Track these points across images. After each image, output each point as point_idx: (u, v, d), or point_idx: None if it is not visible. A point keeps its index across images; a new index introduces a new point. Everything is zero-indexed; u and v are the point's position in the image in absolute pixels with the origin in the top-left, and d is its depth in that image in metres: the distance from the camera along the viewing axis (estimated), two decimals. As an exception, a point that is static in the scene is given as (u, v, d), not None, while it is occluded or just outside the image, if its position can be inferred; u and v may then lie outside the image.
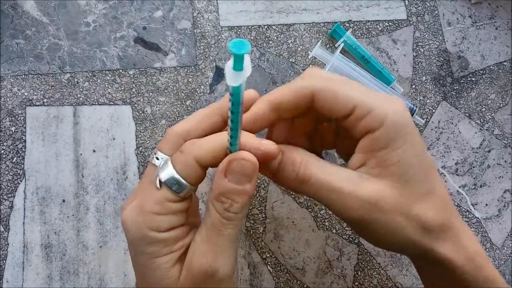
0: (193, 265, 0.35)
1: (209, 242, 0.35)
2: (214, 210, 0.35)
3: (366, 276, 0.59)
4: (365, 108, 0.35)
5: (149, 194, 0.35)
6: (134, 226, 0.35)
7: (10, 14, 0.61)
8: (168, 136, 0.38)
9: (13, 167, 0.57)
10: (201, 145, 0.35)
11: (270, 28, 0.65)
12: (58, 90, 0.60)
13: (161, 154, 0.37)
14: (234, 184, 0.34)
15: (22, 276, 0.54)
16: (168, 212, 0.35)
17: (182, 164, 0.35)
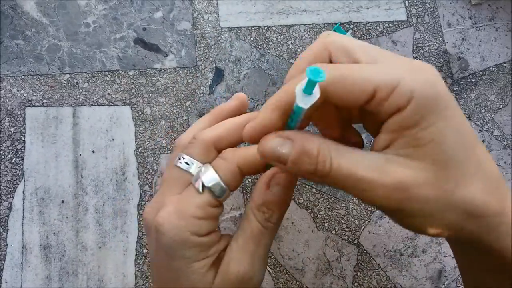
0: (229, 271, 0.36)
1: (246, 250, 0.36)
2: (254, 219, 0.36)
3: (366, 276, 0.59)
4: (388, 86, 0.30)
5: (188, 198, 0.36)
6: (174, 230, 0.35)
7: (10, 14, 0.61)
8: (197, 142, 0.38)
9: (12, 167, 0.57)
10: (243, 155, 0.36)
11: (270, 29, 0.65)
12: (57, 91, 0.60)
13: (189, 158, 0.37)
14: (276, 195, 0.36)
15: (21, 277, 0.54)
16: (209, 216, 0.36)
17: (226, 170, 0.36)
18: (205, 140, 0.37)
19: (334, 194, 0.60)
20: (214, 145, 0.38)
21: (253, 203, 0.36)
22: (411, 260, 0.60)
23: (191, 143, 0.38)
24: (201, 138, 0.38)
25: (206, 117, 0.42)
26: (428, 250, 0.60)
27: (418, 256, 0.60)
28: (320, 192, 0.60)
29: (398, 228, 0.60)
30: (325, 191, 0.60)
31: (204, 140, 0.37)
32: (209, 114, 0.42)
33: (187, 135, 0.40)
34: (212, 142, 0.38)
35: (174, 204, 0.36)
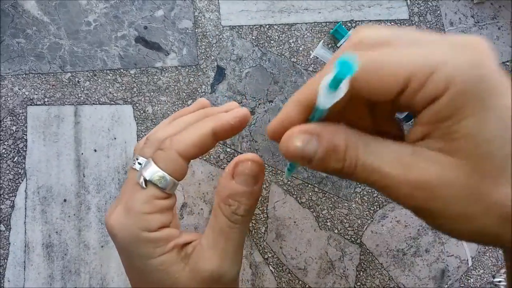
0: (200, 269, 0.35)
1: (216, 247, 0.35)
2: (221, 214, 0.35)
3: (368, 276, 0.59)
4: (423, 73, 0.26)
5: (135, 195, 0.35)
6: (124, 229, 0.34)
7: (11, 13, 0.61)
8: (149, 142, 0.37)
9: (14, 166, 0.57)
10: (181, 139, 0.35)
11: (272, 27, 0.64)
12: (59, 90, 0.59)
13: (142, 158, 0.36)
14: (242, 185, 0.35)
15: (23, 276, 0.54)
16: (157, 210, 0.35)
17: (165, 160, 0.34)
18: (156, 139, 0.36)
19: (337, 194, 0.60)
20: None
21: (218, 197, 0.36)
22: (414, 259, 0.60)
23: (144, 144, 0.37)
24: (152, 138, 0.37)
25: (165, 120, 0.41)
26: (431, 250, 0.60)
27: (421, 256, 0.60)
28: (322, 191, 0.60)
29: (401, 228, 0.60)
30: (328, 190, 0.60)
31: (155, 140, 0.37)
32: (169, 117, 0.41)
33: (143, 139, 0.39)
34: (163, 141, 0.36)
35: (122, 204, 0.35)
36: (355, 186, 0.61)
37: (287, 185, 0.60)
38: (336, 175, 0.30)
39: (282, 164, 0.60)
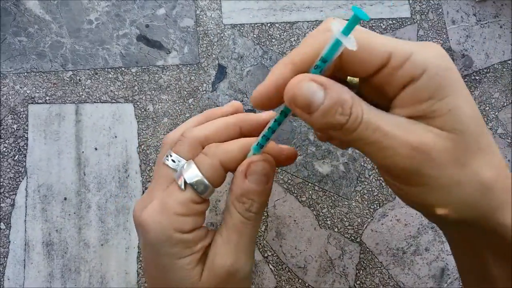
0: (215, 266, 0.36)
1: (230, 243, 0.36)
2: (235, 211, 0.36)
3: (368, 275, 0.59)
4: (402, 54, 0.30)
5: (172, 195, 0.35)
6: (157, 227, 0.35)
7: (13, 11, 0.61)
8: (186, 140, 0.37)
9: (15, 164, 0.57)
10: (226, 150, 0.36)
11: (273, 26, 0.64)
12: (60, 88, 0.60)
13: (177, 156, 0.37)
14: (254, 184, 0.35)
15: (23, 274, 0.54)
16: (192, 213, 0.36)
17: (208, 166, 0.35)
18: (193, 138, 0.37)
19: (337, 192, 0.60)
20: (202, 144, 0.37)
21: (232, 195, 0.36)
22: (413, 258, 0.60)
23: (179, 140, 0.38)
24: (189, 136, 0.37)
25: (197, 117, 0.42)
26: (431, 249, 0.60)
27: (421, 255, 0.60)
28: (322, 190, 0.60)
29: (400, 226, 0.60)
30: (328, 189, 0.60)
31: (192, 138, 0.37)
32: (201, 114, 0.42)
33: (175, 133, 0.40)
34: (199, 140, 0.37)
35: (158, 201, 0.36)
36: (355, 185, 0.61)
37: (287, 183, 0.60)
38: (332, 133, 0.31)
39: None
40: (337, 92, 0.29)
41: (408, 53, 0.29)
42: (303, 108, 0.29)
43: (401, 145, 0.29)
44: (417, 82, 0.29)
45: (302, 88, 0.29)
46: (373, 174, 0.61)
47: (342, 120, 0.29)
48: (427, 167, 0.29)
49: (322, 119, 0.29)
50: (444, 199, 0.30)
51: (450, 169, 0.29)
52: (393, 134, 0.29)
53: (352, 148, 0.61)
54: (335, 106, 0.29)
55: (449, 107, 0.29)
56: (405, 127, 0.30)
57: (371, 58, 0.30)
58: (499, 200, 0.30)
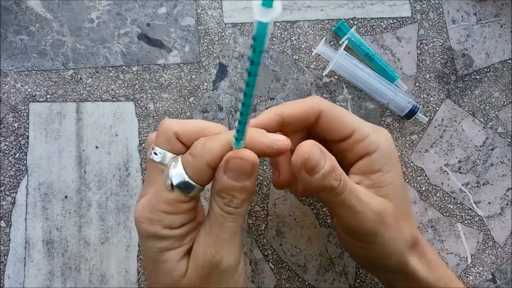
0: (197, 255, 0.37)
1: (211, 234, 0.37)
2: (215, 205, 0.36)
3: (368, 273, 0.59)
4: (362, 132, 0.40)
5: (159, 194, 0.36)
6: (146, 223, 0.36)
7: (14, 10, 0.61)
8: (164, 132, 0.37)
9: (15, 163, 0.57)
10: (212, 148, 0.35)
11: (274, 25, 0.64)
12: (61, 86, 0.60)
13: (159, 149, 0.37)
14: (233, 181, 0.35)
15: (23, 272, 0.54)
16: (180, 211, 0.36)
17: (193, 168, 0.35)
18: (169, 130, 0.37)
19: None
20: (176, 135, 0.37)
21: (213, 189, 0.37)
22: (414, 257, 0.60)
23: (157, 132, 0.39)
24: (165, 127, 0.37)
25: None
26: (431, 248, 0.60)
27: (421, 253, 0.60)
28: (323, 188, 0.60)
29: (401, 225, 0.60)
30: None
31: (168, 130, 0.37)
32: None
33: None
34: (173, 130, 0.37)
35: (148, 198, 0.37)
36: (356, 184, 0.61)
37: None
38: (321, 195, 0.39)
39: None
40: (332, 160, 0.36)
41: (366, 132, 0.39)
42: (310, 169, 0.35)
43: (368, 210, 0.38)
44: (371, 156, 0.39)
45: (315, 153, 0.35)
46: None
47: (335, 184, 0.36)
48: (381, 228, 0.38)
49: (320, 181, 0.35)
50: (387, 254, 0.41)
51: (392, 230, 0.39)
52: (365, 201, 0.37)
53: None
54: (331, 172, 0.35)
55: (391, 180, 0.39)
56: (368, 195, 0.39)
57: (341, 129, 0.40)
58: (414, 252, 0.43)
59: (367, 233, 0.39)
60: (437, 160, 0.63)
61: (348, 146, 0.40)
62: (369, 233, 0.39)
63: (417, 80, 0.65)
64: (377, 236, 0.39)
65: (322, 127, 0.41)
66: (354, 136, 0.40)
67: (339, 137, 0.40)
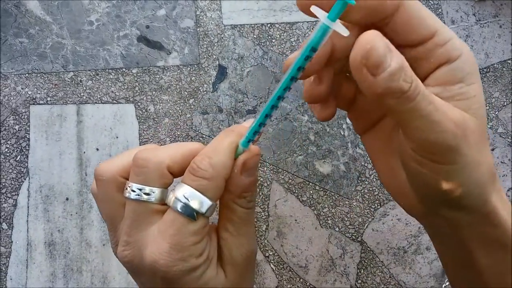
0: (234, 257, 0.37)
1: (241, 234, 0.37)
2: (238, 207, 0.36)
3: (369, 274, 0.59)
4: (446, 34, 0.31)
5: (183, 229, 0.33)
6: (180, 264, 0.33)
7: (14, 13, 0.61)
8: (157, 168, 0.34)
9: (17, 165, 0.57)
10: (225, 163, 0.34)
11: (273, 26, 0.65)
12: (61, 89, 0.60)
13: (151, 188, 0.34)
14: (250, 177, 0.36)
15: (25, 274, 0.55)
16: (204, 235, 0.35)
17: (214, 190, 0.34)
18: (158, 163, 0.34)
19: (338, 192, 0.60)
20: (169, 169, 0.34)
21: (232, 194, 0.36)
22: (414, 257, 0.60)
23: (141, 167, 0.34)
24: (155, 162, 0.34)
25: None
26: (432, 248, 0.60)
27: (422, 254, 0.60)
28: (323, 189, 0.60)
29: (401, 226, 0.60)
30: (329, 188, 0.60)
31: (158, 164, 0.34)
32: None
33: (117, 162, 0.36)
34: (166, 164, 0.34)
35: (168, 240, 0.33)
36: (356, 184, 0.61)
37: (288, 183, 0.60)
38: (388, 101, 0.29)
39: (283, 163, 0.60)
40: (400, 57, 0.28)
41: (449, 36, 0.31)
42: (373, 66, 0.28)
43: (448, 121, 0.30)
44: (453, 64, 0.31)
45: (380, 45, 0.28)
46: (374, 174, 0.61)
47: (405, 87, 0.28)
48: (464, 144, 0.30)
49: (386, 82, 0.28)
50: (463, 177, 0.32)
51: (475, 150, 0.31)
52: (442, 110, 0.30)
53: (353, 146, 0.61)
54: (400, 71, 0.28)
55: (474, 93, 0.31)
56: (447, 105, 0.31)
57: (421, 29, 0.31)
58: (498, 187, 0.33)
59: (446, 148, 0.30)
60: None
61: (426, 51, 0.32)
62: (449, 149, 0.30)
63: (417, 80, 0.65)
64: (458, 153, 0.30)
65: (398, 24, 0.31)
66: (436, 39, 0.31)
67: (418, 39, 0.31)
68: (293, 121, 0.61)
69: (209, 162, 0.34)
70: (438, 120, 0.29)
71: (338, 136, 0.61)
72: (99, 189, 0.36)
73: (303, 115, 0.61)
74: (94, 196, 0.37)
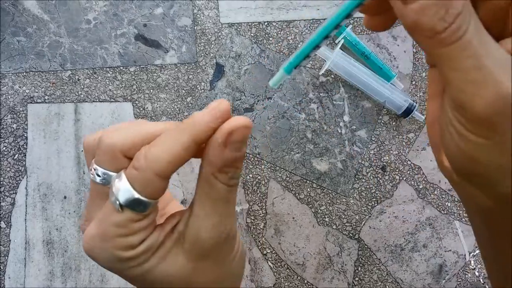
0: (203, 241, 0.32)
1: (216, 212, 0.32)
2: (218, 182, 0.31)
3: (367, 271, 0.59)
4: None
5: (109, 218, 0.30)
6: (103, 254, 0.31)
7: (11, 11, 0.61)
8: (107, 150, 0.31)
9: (14, 164, 0.57)
10: (158, 157, 0.30)
11: (270, 24, 0.65)
12: (59, 87, 0.60)
13: (102, 170, 0.31)
14: (236, 152, 0.31)
15: (24, 272, 0.55)
16: (135, 231, 0.31)
17: (142, 183, 0.30)
18: (109, 145, 0.31)
19: (335, 190, 0.61)
20: (124, 153, 0.31)
21: (212, 167, 0.31)
22: (411, 255, 0.60)
23: (97, 149, 0.31)
24: (106, 144, 0.31)
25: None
26: (428, 245, 0.60)
27: (419, 251, 0.60)
28: (321, 187, 0.60)
29: (398, 223, 0.61)
30: (326, 186, 0.60)
31: (108, 146, 0.31)
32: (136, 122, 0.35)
33: (93, 136, 0.33)
34: (119, 149, 0.31)
35: (96, 225, 0.31)
36: (353, 182, 0.61)
37: (285, 181, 0.60)
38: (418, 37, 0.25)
39: (280, 161, 0.60)
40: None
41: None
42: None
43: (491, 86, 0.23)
44: None
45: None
46: (371, 172, 0.61)
47: (439, 27, 0.23)
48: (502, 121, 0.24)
49: (416, 14, 0.23)
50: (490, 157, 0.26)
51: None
52: (488, 70, 0.23)
53: (350, 144, 0.62)
54: (438, 6, 0.23)
55: None
56: (505, 67, 0.24)
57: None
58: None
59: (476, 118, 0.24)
60: (434, 158, 0.63)
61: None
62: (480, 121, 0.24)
63: (413, 78, 0.65)
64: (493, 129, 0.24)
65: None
66: None
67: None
68: (290, 119, 0.61)
69: (144, 152, 0.30)
70: (476, 81, 0.23)
71: (335, 134, 0.61)
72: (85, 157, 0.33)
73: (300, 113, 0.62)
74: None
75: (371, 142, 0.61)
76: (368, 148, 0.61)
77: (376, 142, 0.62)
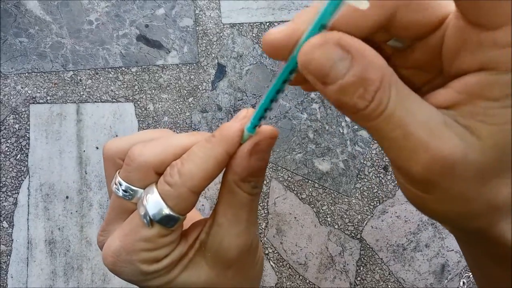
0: (227, 251, 0.31)
1: (240, 220, 0.31)
2: (241, 191, 0.31)
3: (369, 271, 0.59)
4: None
5: (135, 233, 0.30)
6: (128, 267, 0.30)
7: (14, 13, 0.61)
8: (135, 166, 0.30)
9: (17, 164, 0.57)
10: (193, 173, 0.29)
11: (272, 25, 0.65)
12: (61, 88, 0.60)
13: (128, 186, 0.30)
14: (260, 162, 0.31)
15: (26, 272, 0.55)
16: (162, 246, 0.30)
17: (176, 200, 0.29)
18: (144, 164, 0.30)
19: (337, 189, 0.60)
20: (155, 170, 0.30)
21: (235, 176, 0.30)
22: (414, 254, 0.60)
23: (126, 165, 0.30)
24: (139, 162, 0.30)
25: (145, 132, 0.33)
26: (431, 245, 0.60)
27: (421, 251, 0.60)
28: (322, 187, 0.60)
29: (401, 223, 0.60)
30: (328, 186, 0.60)
31: (142, 165, 0.30)
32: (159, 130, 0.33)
33: (118, 144, 0.31)
34: (152, 166, 0.30)
35: (120, 239, 0.30)
36: (355, 182, 0.61)
37: (287, 181, 0.60)
38: (346, 113, 0.23)
39: (282, 160, 0.60)
40: (364, 67, 0.22)
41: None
42: (317, 76, 0.22)
43: (420, 151, 0.23)
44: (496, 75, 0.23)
45: (327, 51, 0.21)
46: (373, 171, 0.61)
47: (360, 105, 0.22)
48: (445, 180, 0.23)
49: (336, 95, 0.22)
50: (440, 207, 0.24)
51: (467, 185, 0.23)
52: (416, 137, 0.22)
53: (352, 144, 0.62)
54: (356, 85, 0.22)
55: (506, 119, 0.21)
56: (434, 130, 0.23)
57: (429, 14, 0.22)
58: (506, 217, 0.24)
59: (420, 180, 0.24)
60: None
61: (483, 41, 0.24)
62: (423, 181, 0.24)
63: (415, 78, 0.65)
64: (433, 186, 0.24)
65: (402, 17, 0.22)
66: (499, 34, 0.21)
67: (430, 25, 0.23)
68: (292, 119, 0.61)
69: (178, 168, 0.29)
70: (407, 149, 0.23)
71: (337, 134, 0.61)
72: (104, 163, 0.33)
73: (302, 113, 0.62)
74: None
75: (373, 142, 0.61)
76: (370, 148, 0.61)
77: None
